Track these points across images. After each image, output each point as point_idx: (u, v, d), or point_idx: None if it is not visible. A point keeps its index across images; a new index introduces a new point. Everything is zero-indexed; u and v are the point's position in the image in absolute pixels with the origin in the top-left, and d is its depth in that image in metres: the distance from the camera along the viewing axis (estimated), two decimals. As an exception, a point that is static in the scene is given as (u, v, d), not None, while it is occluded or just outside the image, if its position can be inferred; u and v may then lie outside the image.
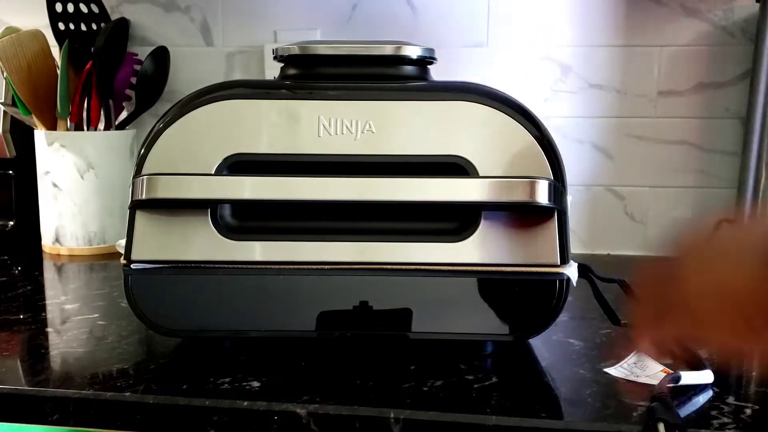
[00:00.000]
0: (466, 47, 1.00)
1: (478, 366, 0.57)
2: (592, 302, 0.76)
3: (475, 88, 0.58)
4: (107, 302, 0.75)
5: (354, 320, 0.57)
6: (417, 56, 0.60)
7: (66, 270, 0.92)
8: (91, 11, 1.01)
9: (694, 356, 0.55)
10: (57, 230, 0.98)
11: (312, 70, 0.60)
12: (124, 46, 1.01)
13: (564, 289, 0.56)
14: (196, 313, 0.57)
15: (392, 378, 0.54)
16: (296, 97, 0.57)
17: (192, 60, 1.07)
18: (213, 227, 0.56)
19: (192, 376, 0.55)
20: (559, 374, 0.57)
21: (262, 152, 0.56)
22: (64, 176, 0.96)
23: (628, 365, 0.56)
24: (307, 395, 0.51)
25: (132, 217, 0.57)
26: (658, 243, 0.99)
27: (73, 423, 0.52)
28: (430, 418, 0.48)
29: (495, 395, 0.52)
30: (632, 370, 0.56)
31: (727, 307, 0.23)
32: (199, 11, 1.06)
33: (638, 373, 0.55)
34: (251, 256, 0.56)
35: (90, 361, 0.59)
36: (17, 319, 0.69)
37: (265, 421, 0.49)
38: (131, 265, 0.57)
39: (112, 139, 0.98)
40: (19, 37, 0.94)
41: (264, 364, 0.57)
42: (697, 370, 0.53)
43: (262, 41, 1.04)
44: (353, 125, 0.56)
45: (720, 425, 0.47)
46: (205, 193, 0.56)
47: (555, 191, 0.55)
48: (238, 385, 0.53)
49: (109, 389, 0.52)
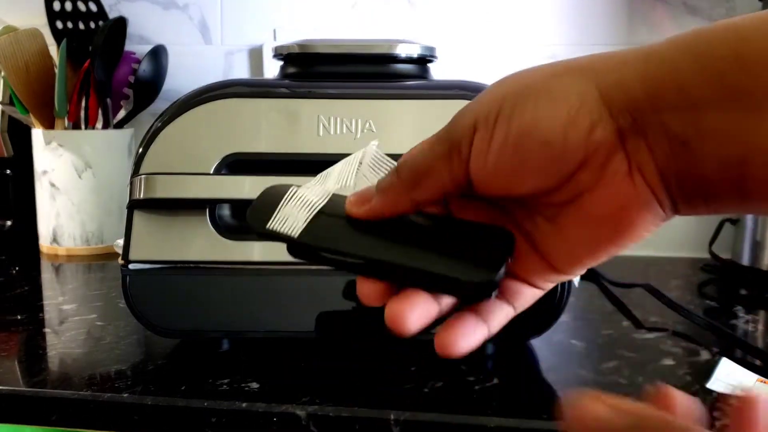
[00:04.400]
0: (467, 45, 1.00)
1: (479, 367, 0.57)
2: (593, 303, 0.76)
3: (476, 87, 0.58)
4: (105, 302, 0.75)
5: (354, 321, 0.56)
6: (417, 54, 0.60)
7: (64, 270, 0.92)
8: (89, 10, 1.01)
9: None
10: (54, 230, 0.97)
11: (311, 68, 0.60)
12: (122, 44, 1.00)
13: (565, 289, 0.56)
14: (194, 314, 0.57)
15: (392, 379, 0.54)
16: (296, 95, 0.57)
17: (190, 59, 1.06)
18: (212, 227, 0.56)
19: (190, 377, 0.54)
20: (560, 375, 0.57)
21: (261, 151, 0.56)
22: (62, 175, 0.95)
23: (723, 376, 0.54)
24: (306, 396, 0.50)
25: (130, 216, 0.57)
26: (659, 243, 0.99)
27: (71, 424, 0.52)
28: (431, 419, 0.48)
29: (496, 396, 0.51)
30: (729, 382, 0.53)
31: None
32: (197, 10, 1.05)
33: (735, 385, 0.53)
34: (250, 256, 0.56)
35: (88, 361, 0.58)
36: (15, 320, 0.69)
37: (265, 423, 0.49)
38: (129, 265, 0.57)
39: (110, 138, 0.98)
40: (17, 36, 0.94)
41: (263, 365, 0.56)
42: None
43: (261, 40, 1.04)
44: (353, 124, 0.56)
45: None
46: (203, 193, 0.55)
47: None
48: (236, 386, 0.52)
49: (107, 390, 0.52)
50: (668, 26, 0.96)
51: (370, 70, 0.59)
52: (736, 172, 0.25)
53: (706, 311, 0.76)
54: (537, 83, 0.28)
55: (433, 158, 0.30)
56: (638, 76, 0.26)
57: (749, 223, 0.89)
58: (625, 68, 0.27)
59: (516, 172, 0.28)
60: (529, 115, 0.27)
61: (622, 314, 0.71)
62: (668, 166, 0.27)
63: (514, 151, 0.27)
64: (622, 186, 0.27)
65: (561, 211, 0.29)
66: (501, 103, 0.28)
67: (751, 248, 0.89)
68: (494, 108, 0.28)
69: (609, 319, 0.70)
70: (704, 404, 0.27)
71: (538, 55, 0.99)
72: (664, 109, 0.26)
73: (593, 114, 0.27)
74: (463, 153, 0.29)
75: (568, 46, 0.98)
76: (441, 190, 0.30)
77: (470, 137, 0.29)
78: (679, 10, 0.95)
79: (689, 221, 0.98)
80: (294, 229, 0.31)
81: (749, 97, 0.24)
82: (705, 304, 0.79)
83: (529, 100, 0.27)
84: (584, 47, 0.97)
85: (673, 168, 0.27)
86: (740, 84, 0.24)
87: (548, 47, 0.99)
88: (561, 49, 0.98)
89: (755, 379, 0.54)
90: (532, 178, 0.28)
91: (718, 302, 0.81)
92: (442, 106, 0.56)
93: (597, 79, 0.27)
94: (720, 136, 0.25)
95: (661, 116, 0.26)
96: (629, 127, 0.27)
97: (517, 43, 0.99)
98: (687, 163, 0.26)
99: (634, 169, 0.27)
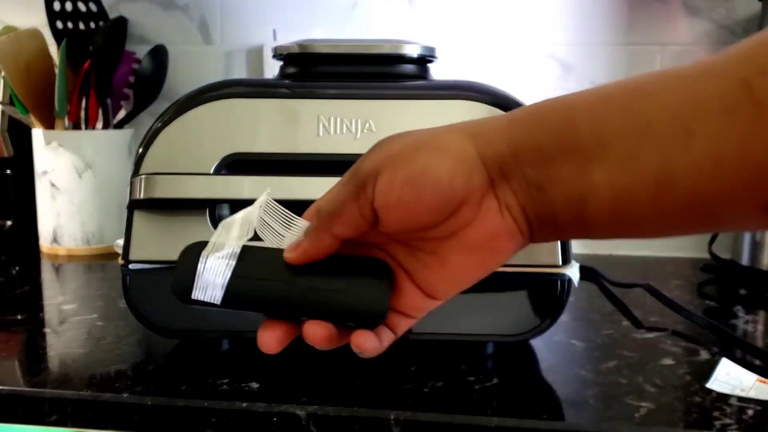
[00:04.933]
0: (467, 45, 1.00)
1: (479, 367, 0.57)
2: (593, 303, 0.76)
3: (476, 87, 0.58)
4: (105, 303, 0.75)
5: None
6: (417, 55, 0.60)
7: (64, 270, 0.92)
8: (89, 10, 1.01)
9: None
10: (55, 230, 0.97)
11: (311, 68, 0.60)
12: (122, 44, 1.01)
13: (565, 289, 0.56)
14: (194, 314, 0.57)
15: (392, 379, 0.54)
16: (296, 95, 0.57)
17: (190, 59, 1.06)
18: (212, 227, 0.56)
19: (190, 377, 0.54)
20: (560, 375, 0.57)
21: (261, 151, 0.56)
22: (62, 176, 0.95)
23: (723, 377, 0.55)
24: (306, 396, 0.50)
25: (130, 216, 0.57)
26: (659, 243, 0.99)
27: (71, 424, 0.52)
28: (431, 419, 0.48)
29: (496, 396, 0.51)
30: (729, 381, 0.54)
31: None
32: (197, 10, 1.05)
33: (735, 384, 0.53)
34: (250, 256, 0.56)
35: (88, 361, 0.58)
36: (15, 320, 0.69)
37: (265, 423, 0.49)
38: (129, 265, 0.57)
39: (111, 138, 0.98)
40: (17, 36, 0.94)
41: (263, 365, 0.56)
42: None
43: (261, 40, 1.04)
44: (353, 124, 0.56)
45: (722, 426, 0.47)
46: (203, 193, 0.55)
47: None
48: (236, 386, 0.52)
49: (108, 390, 0.52)
50: (668, 26, 0.96)
51: (370, 70, 0.59)
52: (576, 208, 0.33)
53: (706, 311, 0.76)
54: (427, 138, 0.36)
55: (344, 199, 0.36)
56: (504, 141, 0.34)
57: (749, 223, 0.89)
58: (496, 135, 0.35)
59: (414, 206, 0.35)
60: (424, 161, 0.34)
61: (622, 314, 0.71)
62: (528, 204, 0.35)
63: (413, 189, 0.34)
64: (494, 220, 0.35)
65: (443, 243, 0.36)
66: (401, 152, 0.35)
67: (751, 248, 0.89)
68: (395, 155, 0.35)
69: (609, 319, 0.70)
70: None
71: (538, 55, 0.99)
72: (524, 163, 0.34)
73: (471, 166, 0.34)
74: (368, 192, 0.35)
75: (567, 46, 0.98)
76: (354, 224, 0.36)
77: (374, 179, 0.35)
78: (679, 10, 0.95)
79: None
80: (215, 298, 0.37)
81: (581, 151, 0.33)
82: (705, 304, 0.79)
83: (425, 151, 0.35)
84: (584, 47, 0.98)
85: (531, 206, 0.35)
86: (574, 142, 0.33)
87: (548, 47, 0.99)
88: (561, 49, 0.98)
89: (755, 379, 0.54)
90: (427, 212, 0.35)
91: (717, 302, 0.81)
92: (442, 106, 0.56)
93: (474, 141, 0.35)
94: (564, 181, 0.33)
95: (522, 169, 0.34)
96: (498, 176, 0.35)
97: (517, 43, 0.99)
98: (541, 202, 0.34)
99: (503, 207, 0.35)
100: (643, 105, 0.32)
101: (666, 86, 0.32)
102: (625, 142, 0.32)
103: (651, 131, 0.31)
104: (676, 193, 0.31)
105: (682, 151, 0.30)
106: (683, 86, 0.31)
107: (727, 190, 0.30)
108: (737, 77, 0.29)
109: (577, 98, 0.34)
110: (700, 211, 0.31)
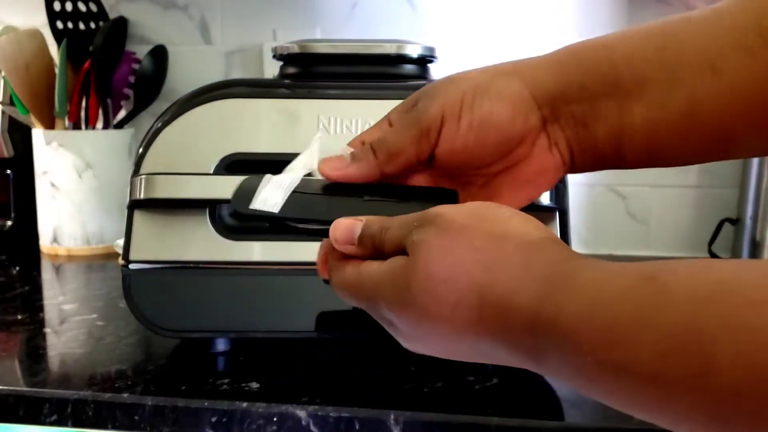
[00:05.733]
0: (467, 45, 1.00)
1: (479, 367, 0.57)
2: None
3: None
4: (106, 303, 0.75)
5: (354, 321, 0.56)
6: (417, 55, 0.60)
7: (64, 270, 0.92)
8: (89, 10, 1.01)
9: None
10: (55, 230, 0.97)
11: (311, 68, 0.60)
12: (122, 44, 1.01)
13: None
14: (194, 314, 0.57)
15: (393, 379, 0.54)
16: (295, 96, 0.57)
17: (190, 59, 1.06)
18: (212, 227, 0.56)
19: (191, 377, 0.54)
20: (560, 375, 0.57)
21: (261, 151, 0.56)
22: (62, 176, 0.95)
23: None
24: (306, 396, 0.50)
25: (130, 216, 0.57)
26: (659, 243, 0.99)
27: (71, 424, 0.52)
28: (431, 419, 0.48)
29: (496, 396, 0.51)
30: None
31: None
32: (197, 10, 1.05)
33: None
34: (250, 256, 0.56)
35: (88, 361, 0.58)
36: (15, 320, 0.69)
37: (265, 423, 0.49)
38: (130, 265, 0.57)
39: (111, 138, 0.98)
40: (18, 36, 0.94)
41: (263, 365, 0.57)
42: None
43: (261, 40, 1.04)
44: (353, 125, 0.56)
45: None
46: (203, 193, 0.55)
47: (556, 190, 0.55)
48: (236, 386, 0.52)
49: (108, 390, 0.52)
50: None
51: (370, 71, 0.59)
52: (616, 141, 0.37)
53: (706, 311, 0.75)
54: (485, 84, 0.38)
55: (404, 142, 0.38)
56: (553, 81, 0.37)
57: (749, 223, 0.89)
58: (544, 76, 0.38)
59: (478, 150, 0.37)
60: (486, 109, 0.37)
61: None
62: (573, 139, 0.38)
63: (477, 135, 0.37)
64: (545, 156, 0.39)
65: (494, 178, 0.39)
66: (462, 99, 0.37)
67: (751, 248, 0.89)
68: (457, 103, 0.37)
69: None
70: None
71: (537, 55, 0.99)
72: (571, 101, 0.37)
73: (527, 108, 0.37)
74: (431, 138, 0.37)
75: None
76: (407, 165, 0.38)
77: (438, 126, 0.37)
78: (679, 10, 0.95)
79: (689, 221, 0.98)
80: (274, 206, 0.38)
81: (621, 90, 0.36)
82: (705, 304, 0.79)
83: (484, 97, 0.37)
84: (584, 47, 0.97)
85: (576, 141, 0.38)
86: (613, 80, 0.36)
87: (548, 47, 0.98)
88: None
89: None
90: (488, 155, 0.38)
91: (718, 302, 0.81)
92: (442, 106, 0.56)
93: (525, 81, 0.38)
94: (606, 117, 0.36)
95: (570, 106, 0.37)
96: (549, 115, 0.38)
97: (517, 43, 0.99)
98: (585, 137, 0.37)
99: (552, 143, 0.38)
100: (673, 45, 0.35)
101: (691, 29, 0.35)
102: (659, 80, 0.35)
103: (681, 70, 0.35)
104: (702, 124, 0.35)
105: (709, 86, 0.34)
106: (707, 29, 0.35)
107: (748, 120, 0.34)
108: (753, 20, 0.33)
109: (613, 40, 0.37)
110: (724, 138, 0.35)
